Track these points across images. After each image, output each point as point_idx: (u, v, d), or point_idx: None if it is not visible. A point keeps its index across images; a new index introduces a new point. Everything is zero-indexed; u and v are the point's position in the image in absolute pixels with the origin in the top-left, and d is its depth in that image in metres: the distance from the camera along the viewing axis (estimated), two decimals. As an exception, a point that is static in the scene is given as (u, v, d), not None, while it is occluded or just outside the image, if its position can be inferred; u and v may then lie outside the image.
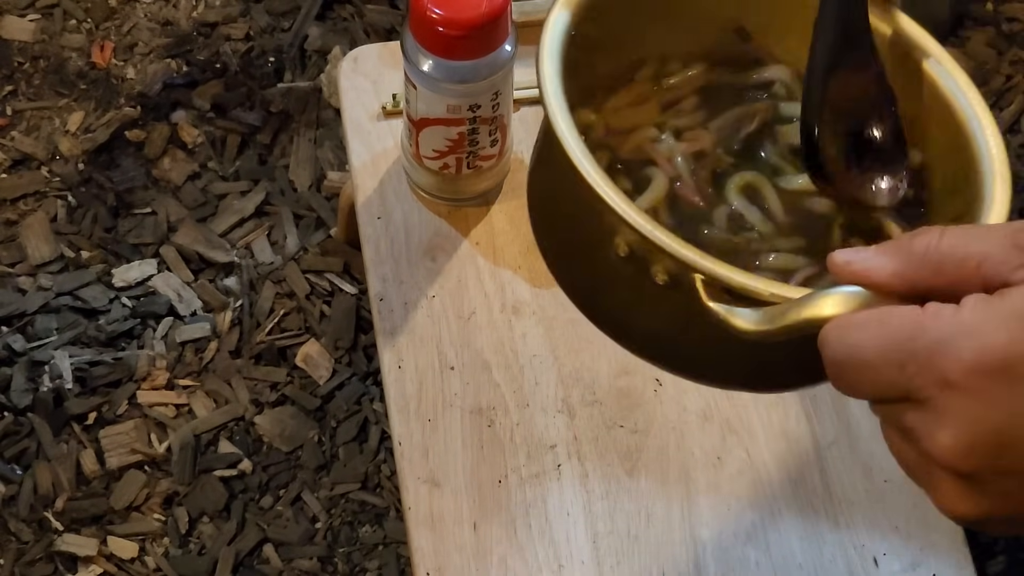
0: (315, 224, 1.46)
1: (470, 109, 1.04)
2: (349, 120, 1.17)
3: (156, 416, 1.36)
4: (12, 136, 1.51)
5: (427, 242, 1.12)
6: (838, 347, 0.60)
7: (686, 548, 1.01)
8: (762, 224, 0.78)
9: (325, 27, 1.57)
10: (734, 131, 0.81)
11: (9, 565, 1.30)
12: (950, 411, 0.57)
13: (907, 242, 0.60)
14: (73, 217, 1.46)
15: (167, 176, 1.49)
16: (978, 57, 1.58)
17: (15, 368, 1.38)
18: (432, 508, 1.03)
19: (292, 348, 1.40)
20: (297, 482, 1.35)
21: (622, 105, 0.82)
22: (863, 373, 0.60)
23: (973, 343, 0.56)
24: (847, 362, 0.60)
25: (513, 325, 1.08)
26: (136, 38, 1.56)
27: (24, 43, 1.56)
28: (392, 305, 1.10)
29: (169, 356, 1.39)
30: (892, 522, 1.03)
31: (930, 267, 0.59)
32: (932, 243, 0.60)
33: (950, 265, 0.59)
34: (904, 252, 0.60)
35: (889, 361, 0.58)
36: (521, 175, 1.15)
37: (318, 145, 1.51)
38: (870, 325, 0.59)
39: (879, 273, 0.61)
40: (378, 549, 1.32)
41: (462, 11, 0.99)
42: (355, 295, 1.42)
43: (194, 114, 1.52)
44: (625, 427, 1.04)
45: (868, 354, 0.59)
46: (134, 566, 1.31)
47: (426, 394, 1.07)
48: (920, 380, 0.57)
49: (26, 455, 1.35)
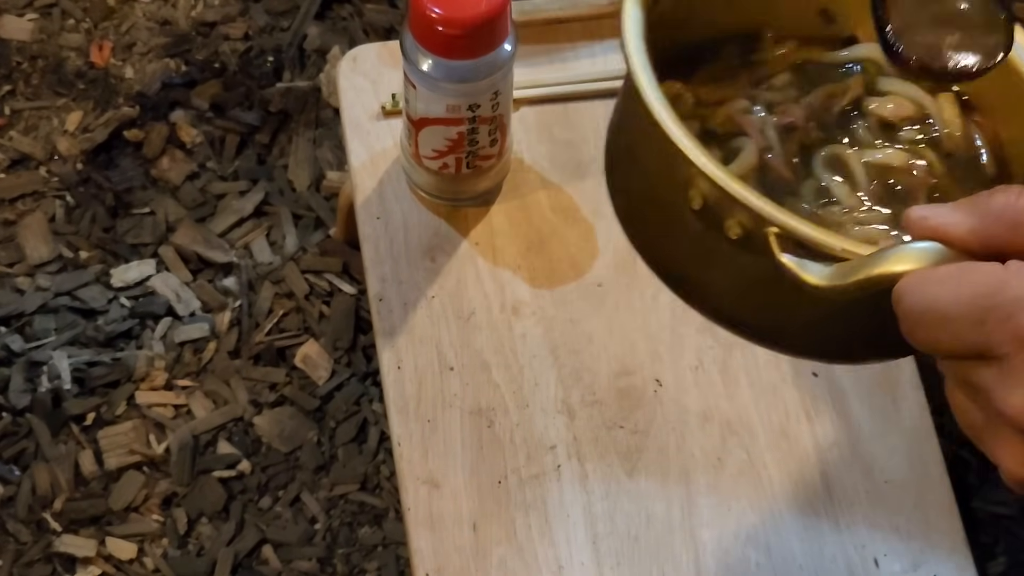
0: (314, 224, 1.46)
1: (470, 109, 1.04)
2: (348, 120, 1.17)
3: (155, 417, 1.36)
4: (10, 136, 1.50)
5: (427, 242, 1.12)
6: (916, 300, 0.60)
7: (686, 549, 1.01)
8: (848, 197, 0.78)
9: (324, 27, 1.57)
10: (826, 106, 0.81)
11: (7, 566, 1.30)
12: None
13: (985, 199, 0.60)
14: (71, 217, 1.46)
15: (166, 176, 1.48)
16: (978, 57, 1.57)
17: (13, 368, 1.38)
18: (432, 508, 1.02)
19: (291, 348, 1.40)
20: (296, 483, 1.34)
21: (710, 78, 0.82)
22: (941, 327, 0.59)
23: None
24: (924, 316, 0.59)
25: (513, 325, 1.08)
26: (135, 38, 1.56)
27: (22, 43, 1.55)
28: (391, 305, 1.10)
29: (168, 356, 1.39)
30: (893, 523, 1.03)
31: (1007, 225, 0.59)
32: (1011, 200, 0.59)
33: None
34: (981, 208, 0.60)
35: (968, 316, 0.58)
36: (521, 175, 1.15)
37: (317, 145, 1.50)
38: (950, 279, 0.59)
39: (956, 229, 0.60)
40: (377, 550, 1.32)
41: (462, 11, 0.99)
42: (354, 295, 1.42)
43: (193, 114, 1.51)
44: (625, 428, 1.04)
45: (947, 308, 0.58)
46: (133, 567, 1.31)
47: (426, 394, 1.06)
48: (999, 336, 0.57)
49: (24, 456, 1.35)
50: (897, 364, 1.09)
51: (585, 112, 1.18)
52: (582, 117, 1.18)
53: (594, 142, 1.17)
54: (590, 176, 1.15)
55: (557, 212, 1.13)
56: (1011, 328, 0.57)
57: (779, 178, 0.79)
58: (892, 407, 1.00)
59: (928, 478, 1.05)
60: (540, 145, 1.16)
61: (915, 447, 1.06)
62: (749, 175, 0.78)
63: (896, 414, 1.05)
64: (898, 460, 0.99)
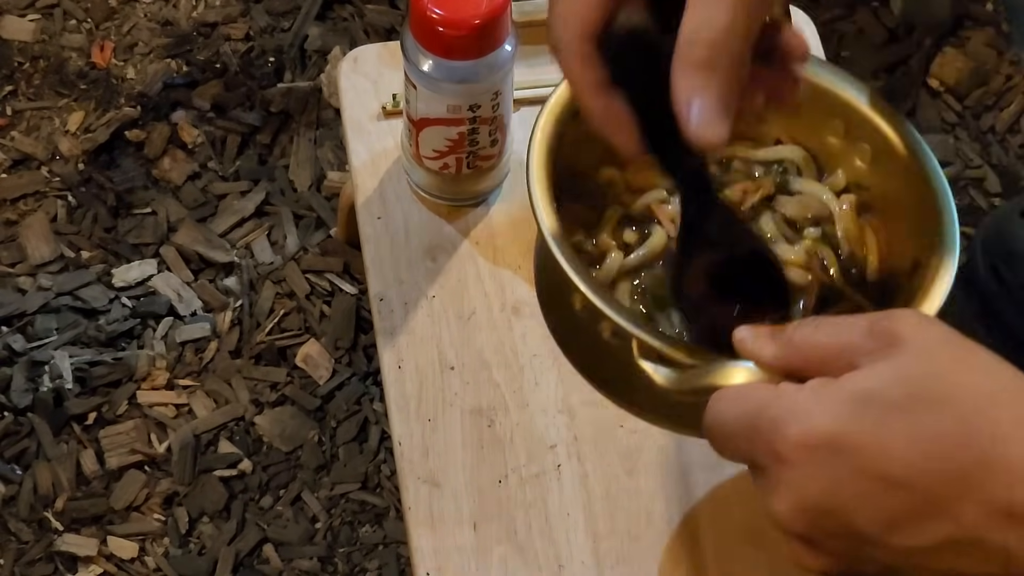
0: (315, 224, 1.46)
1: (470, 109, 1.04)
2: (349, 120, 1.17)
3: (156, 416, 1.37)
4: (12, 136, 1.51)
5: (427, 242, 1.12)
6: (709, 414, 0.69)
7: (686, 548, 1.01)
8: None
9: (325, 27, 1.58)
10: (739, 201, 0.90)
11: (9, 565, 1.30)
12: (781, 481, 0.65)
13: (790, 331, 0.69)
14: (73, 217, 1.46)
15: (167, 176, 1.49)
16: (978, 57, 1.58)
17: (15, 368, 1.38)
18: (432, 508, 1.03)
19: (292, 348, 1.40)
20: (297, 482, 1.35)
21: (643, 165, 0.89)
22: (724, 440, 0.69)
23: (801, 422, 0.64)
24: (712, 428, 0.69)
25: (513, 325, 1.08)
26: (136, 38, 1.56)
27: (24, 43, 1.56)
28: (392, 305, 1.10)
29: (169, 356, 1.39)
30: (892, 522, 1.03)
31: (803, 356, 0.68)
32: (808, 335, 0.68)
33: (820, 353, 0.67)
34: (785, 340, 0.69)
35: (741, 433, 0.67)
36: (521, 175, 1.15)
37: (318, 145, 1.51)
38: (733, 398, 0.68)
39: (764, 355, 0.70)
40: (378, 549, 1.32)
41: (462, 11, 0.99)
42: (355, 295, 1.42)
43: (194, 114, 1.52)
44: (625, 427, 1.04)
45: (728, 424, 0.68)
46: (134, 566, 1.31)
47: (426, 394, 1.07)
48: (760, 451, 0.66)
49: (26, 455, 1.35)
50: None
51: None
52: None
53: (594, 142, 1.17)
54: (590, 176, 1.15)
55: (557, 212, 1.13)
56: (767, 444, 0.65)
57: None
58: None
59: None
60: (540, 145, 1.16)
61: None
62: (656, 258, 0.88)
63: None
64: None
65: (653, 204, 0.90)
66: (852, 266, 0.90)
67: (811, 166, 0.92)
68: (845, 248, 0.90)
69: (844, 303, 0.87)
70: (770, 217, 0.90)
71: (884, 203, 0.90)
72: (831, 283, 0.88)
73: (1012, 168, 1.52)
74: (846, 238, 0.90)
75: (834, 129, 0.90)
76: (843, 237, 0.90)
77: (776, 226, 0.90)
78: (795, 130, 0.91)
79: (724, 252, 0.80)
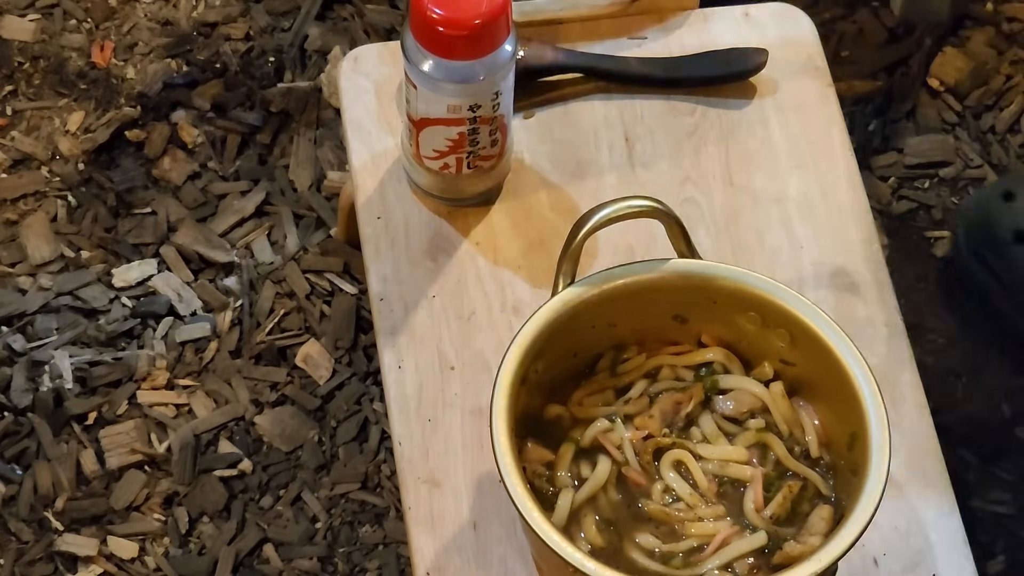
0: (315, 224, 1.46)
1: (470, 109, 1.04)
2: (349, 120, 1.17)
3: (156, 416, 1.37)
4: (12, 136, 1.51)
5: (427, 242, 1.12)
6: None
7: (686, 548, 1.01)
8: (689, 497, 0.95)
9: (325, 27, 1.58)
10: (675, 412, 0.97)
11: (9, 565, 1.30)
12: None
13: None
14: (73, 217, 1.46)
15: (167, 176, 1.49)
16: (978, 57, 1.58)
17: (15, 368, 1.38)
18: (432, 508, 1.03)
19: (292, 348, 1.40)
20: (297, 482, 1.35)
21: (583, 396, 0.99)
22: None
23: None
24: None
25: (513, 325, 1.08)
26: (136, 38, 1.56)
27: (24, 43, 1.56)
28: (392, 305, 1.10)
29: (169, 356, 1.39)
30: (892, 522, 1.03)
31: None
32: None
33: None
34: None
35: None
36: (521, 175, 1.15)
37: (318, 145, 1.51)
38: None
39: None
40: (378, 549, 1.32)
41: (462, 11, 0.99)
42: (355, 295, 1.42)
43: (194, 114, 1.52)
44: (625, 427, 1.04)
45: None
46: (134, 566, 1.31)
47: (426, 394, 1.07)
48: None
49: (26, 455, 1.35)
50: (897, 364, 1.09)
51: (585, 112, 1.18)
52: (582, 117, 1.18)
53: (594, 142, 1.17)
54: (590, 176, 1.15)
55: (557, 212, 1.14)
56: None
57: (634, 484, 0.96)
58: (891, 407, 1.00)
59: (927, 477, 1.05)
60: (540, 145, 1.17)
61: (914, 447, 1.06)
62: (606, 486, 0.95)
63: (895, 414, 1.05)
64: (897, 460, 0.99)
65: (599, 435, 0.97)
66: (795, 445, 0.98)
67: (736, 362, 1.00)
68: (785, 431, 0.98)
69: (792, 478, 0.96)
70: (710, 418, 0.98)
71: (811, 382, 0.98)
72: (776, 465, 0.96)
73: (1012, 168, 1.52)
74: (784, 421, 0.98)
75: (751, 320, 0.98)
76: (781, 421, 0.98)
77: (717, 425, 0.97)
78: (714, 328, 0.99)
79: None
